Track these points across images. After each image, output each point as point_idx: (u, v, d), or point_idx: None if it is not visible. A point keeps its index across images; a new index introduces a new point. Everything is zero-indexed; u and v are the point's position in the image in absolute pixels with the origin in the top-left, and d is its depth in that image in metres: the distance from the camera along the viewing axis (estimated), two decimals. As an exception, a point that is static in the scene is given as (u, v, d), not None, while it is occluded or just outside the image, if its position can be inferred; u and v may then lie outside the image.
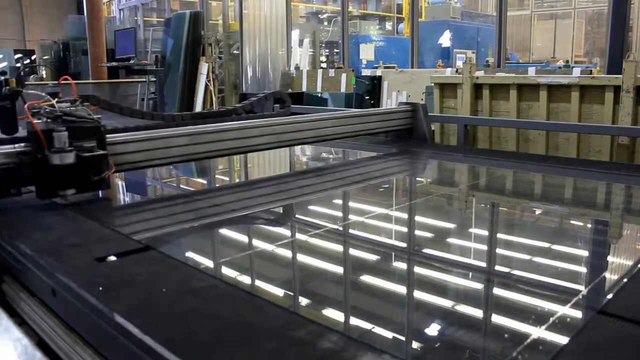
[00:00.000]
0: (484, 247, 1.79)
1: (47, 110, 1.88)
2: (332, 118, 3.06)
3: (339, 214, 2.32)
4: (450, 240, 1.92)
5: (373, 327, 1.20)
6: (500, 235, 1.97)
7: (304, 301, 1.38)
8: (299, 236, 1.89)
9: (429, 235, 1.99)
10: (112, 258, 1.30)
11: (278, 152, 3.31)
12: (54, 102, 1.91)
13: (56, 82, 10.84)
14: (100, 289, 1.13)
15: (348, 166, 3.33)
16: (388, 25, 15.51)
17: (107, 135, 2.03)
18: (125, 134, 2.20)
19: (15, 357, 0.76)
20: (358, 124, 3.14)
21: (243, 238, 1.97)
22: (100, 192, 2.04)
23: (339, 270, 1.62)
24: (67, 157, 1.82)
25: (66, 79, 2.21)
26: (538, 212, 2.23)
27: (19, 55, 15.45)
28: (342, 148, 3.52)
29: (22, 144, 1.86)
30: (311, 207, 2.38)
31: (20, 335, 0.82)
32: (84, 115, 1.93)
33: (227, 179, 3.36)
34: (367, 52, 10.67)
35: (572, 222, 2.14)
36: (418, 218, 2.19)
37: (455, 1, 12.24)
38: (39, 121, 1.84)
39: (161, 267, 1.29)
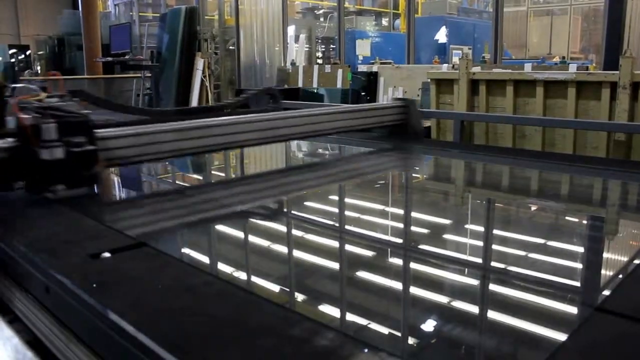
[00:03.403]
0: (480, 244, 1.79)
1: (36, 105, 1.87)
2: (324, 113, 3.01)
3: (334, 209, 2.31)
4: (447, 236, 1.91)
5: (369, 323, 1.19)
6: (496, 232, 1.96)
7: (300, 297, 1.37)
8: (295, 232, 1.88)
9: (424, 231, 1.98)
10: (106, 255, 1.29)
11: (273, 147, 3.28)
12: (42, 96, 1.94)
13: (44, 77, 10.63)
14: (94, 285, 1.12)
15: (342, 161, 3.28)
16: (384, 21, 15.50)
17: (95, 130, 1.98)
18: (113, 129, 2.15)
19: (5, 357, 0.75)
20: (351, 120, 3.11)
21: (238, 234, 1.96)
22: (91, 187, 1.97)
23: (335, 266, 1.62)
24: (56, 152, 1.79)
25: (54, 74, 2.57)
26: (534, 208, 2.23)
27: (14, 51, 15.37)
28: (335, 143, 3.46)
29: (10, 139, 1.82)
30: (306, 203, 2.37)
31: (10, 334, 0.81)
32: (72, 110, 1.91)
33: (222, 174, 3.32)
34: (363, 48, 10.66)
35: (569, 218, 2.14)
36: (414, 214, 2.18)
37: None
38: (27, 116, 1.80)
39: (156, 264, 1.28)
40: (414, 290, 1.40)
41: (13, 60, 14.94)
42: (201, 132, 2.38)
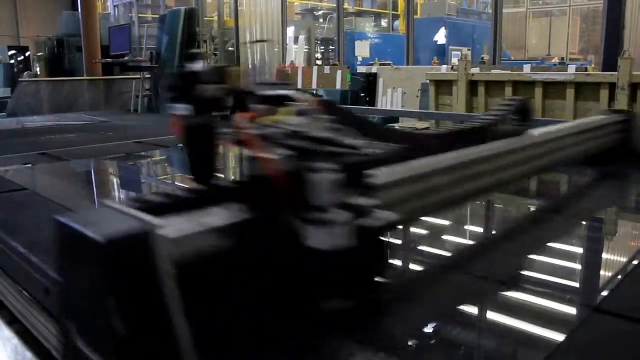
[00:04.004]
0: (477, 243, 1.78)
1: (281, 131, 0.90)
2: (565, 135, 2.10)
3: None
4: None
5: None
6: (494, 231, 1.96)
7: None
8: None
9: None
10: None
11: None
12: (285, 114, 0.93)
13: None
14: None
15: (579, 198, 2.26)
16: (384, 23, 15.50)
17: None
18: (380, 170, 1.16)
19: (5, 357, 0.75)
20: (583, 144, 2.20)
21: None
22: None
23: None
24: (340, 232, 0.83)
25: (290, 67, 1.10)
26: (532, 209, 2.22)
27: (13, 52, 15.36)
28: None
29: (235, 206, 0.86)
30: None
31: (10, 334, 0.81)
32: (344, 142, 0.94)
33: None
34: (362, 49, 10.66)
35: (566, 219, 2.14)
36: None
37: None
38: (273, 156, 0.86)
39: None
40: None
41: (12, 61, 14.94)
42: (486, 166, 1.59)
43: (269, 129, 0.91)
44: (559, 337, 0.97)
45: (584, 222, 1.93)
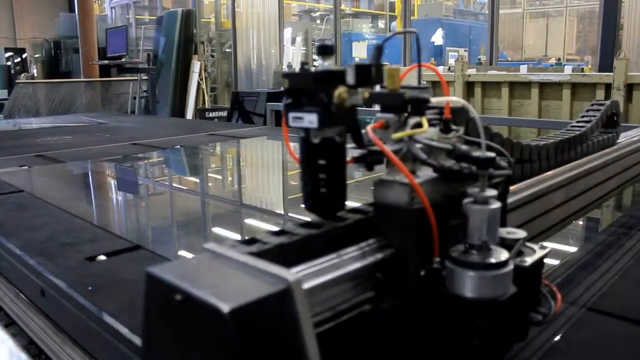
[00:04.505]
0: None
1: (429, 147, 0.73)
2: None
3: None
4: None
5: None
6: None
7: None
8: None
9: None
10: (102, 257, 1.29)
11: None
12: (425, 127, 0.74)
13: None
14: (90, 288, 1.12)
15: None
16: (381, 24, 15.52)
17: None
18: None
19: (0, 359, 0.76)
20: None
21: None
22: None
23: None
24: (507, 277, 0.68)
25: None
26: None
27: (10, 54, 15.34)
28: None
29: (369, 245, 0.69)
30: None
31: (5, 336, 0.81)
32: (506, 162, 0.78)
33: None
34: (359, 51, 10.67)
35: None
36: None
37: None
38: (419, 179, 0.69)
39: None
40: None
41: (9, 63, 14.92)
42: (594, 179, 1.47)
43: (412, 143, 0.72)
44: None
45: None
